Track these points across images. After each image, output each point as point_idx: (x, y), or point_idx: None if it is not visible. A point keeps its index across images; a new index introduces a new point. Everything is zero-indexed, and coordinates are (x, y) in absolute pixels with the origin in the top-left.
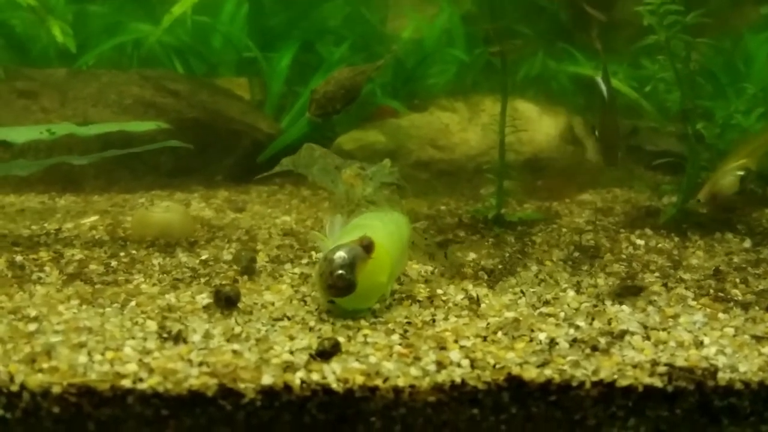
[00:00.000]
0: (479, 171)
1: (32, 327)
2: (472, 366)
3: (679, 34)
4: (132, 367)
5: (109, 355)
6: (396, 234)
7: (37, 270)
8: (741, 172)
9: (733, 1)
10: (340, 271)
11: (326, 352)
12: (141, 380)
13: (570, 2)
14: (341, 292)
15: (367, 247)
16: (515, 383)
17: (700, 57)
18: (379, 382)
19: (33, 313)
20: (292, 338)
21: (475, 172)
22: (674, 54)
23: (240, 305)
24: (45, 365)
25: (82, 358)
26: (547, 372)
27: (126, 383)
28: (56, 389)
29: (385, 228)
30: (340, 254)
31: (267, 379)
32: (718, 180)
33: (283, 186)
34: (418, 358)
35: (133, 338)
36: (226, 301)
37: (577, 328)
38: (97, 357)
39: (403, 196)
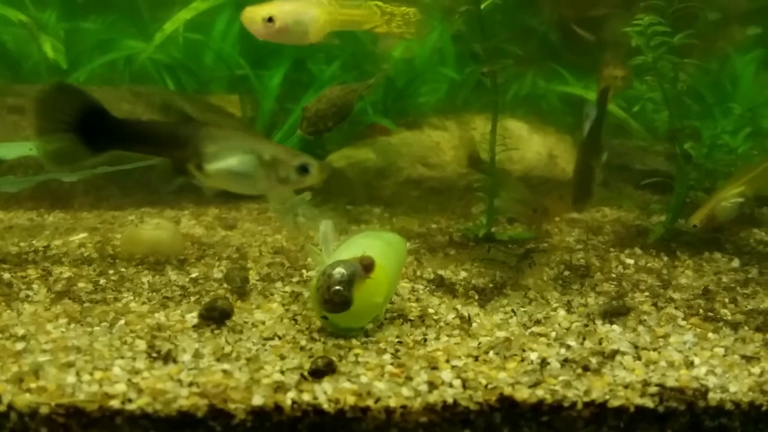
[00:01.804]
0: (470, 189)
1: (20, 346)
2: (464, 386)
3: (666, 55)
4: (121, 388)
5: (98, 375)
6: (392, 255)
7: (25, 288)
8: (740, 199)
9: (720, 22)
10: (338, 287)
11: (320, 371)
12: (130, 401)
13: (559, 23)
14: (337, 308)
15: (368, 266)
16: (507, 404)
17: (688, 77)
18: (370, 402)
19: (21, 331)
20: (282, 358)
21: (465, 190)
22: (662, 74)
23: (230, 323)
24: (33, 385)
25: (71, 378)
26: (539, 392)
27: (115, 404)
28: (44, 410)
29: (382, 248)
30: (340, 270)
31: (258, 400)
32: (718, 204)
33: None
34: (409, 378)
35: (122, 358)
36: (220, 314)
37: (569, 347)
38: (86, 377)
39: (394, 215)
